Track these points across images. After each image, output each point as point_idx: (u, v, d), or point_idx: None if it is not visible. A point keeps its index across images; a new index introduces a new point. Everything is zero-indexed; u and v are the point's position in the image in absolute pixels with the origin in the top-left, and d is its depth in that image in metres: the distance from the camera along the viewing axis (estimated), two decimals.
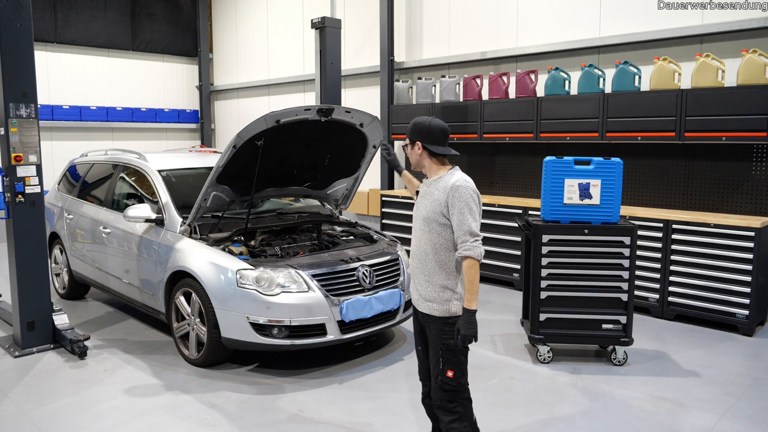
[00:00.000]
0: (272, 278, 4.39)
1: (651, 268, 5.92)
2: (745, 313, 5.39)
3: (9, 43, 4.65)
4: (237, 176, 4.87)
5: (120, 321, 5.88)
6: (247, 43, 12.48)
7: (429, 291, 2.89)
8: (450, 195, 2.80)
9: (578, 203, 4.61)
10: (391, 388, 4.32)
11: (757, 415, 3.93)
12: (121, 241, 5.47)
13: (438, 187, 2.88)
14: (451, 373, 2.83)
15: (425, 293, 2.91)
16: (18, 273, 4.90)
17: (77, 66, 11.64)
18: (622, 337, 4.67)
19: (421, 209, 2.92)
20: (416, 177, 3.44)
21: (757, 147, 5.85)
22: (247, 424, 3.77)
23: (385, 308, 4.70)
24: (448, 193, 2.81)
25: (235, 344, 4.47)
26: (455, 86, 7.93)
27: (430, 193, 2.90)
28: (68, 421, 3.82)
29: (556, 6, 7.40)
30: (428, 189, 2.94)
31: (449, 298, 2.86)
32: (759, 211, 5.87)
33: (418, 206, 2.97)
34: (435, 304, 2.87)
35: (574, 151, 6.84)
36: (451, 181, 2.84)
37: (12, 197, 4.79)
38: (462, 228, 2.77)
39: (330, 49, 7.41)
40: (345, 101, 9.58)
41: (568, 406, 4.04)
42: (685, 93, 5.82)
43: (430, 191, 2.92)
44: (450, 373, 2.83)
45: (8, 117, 4.70)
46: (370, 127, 5.10)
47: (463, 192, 2.80)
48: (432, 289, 2.88)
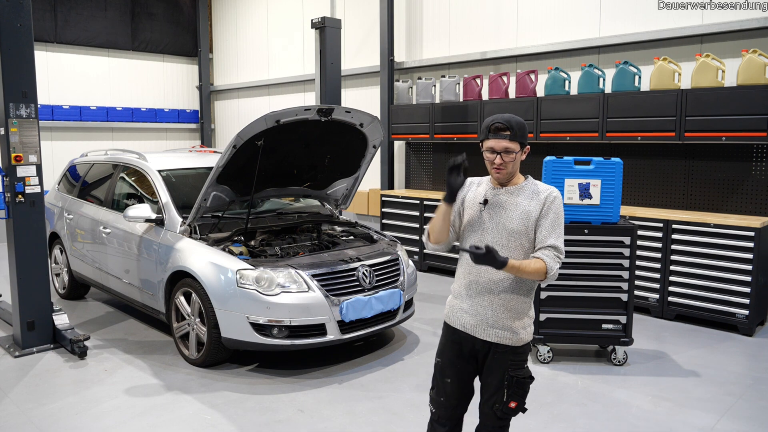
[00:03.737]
0: (272, 278, 4.39)
1: (651, 268, 5.92)
2: (745, 313, 5.39)
3: (9, 43, 4.65)
4: (237, 176, 4.87)
5: (120, 321, 5.88)
6: (247, 43, 12.48)
7: (502, 317, 2.53)
8: (546, 204, 2.50)
9: (578, 203, 4.61)
10: (391, 388, 4.32)
11: (757, 415, 3.93)
12: (121, 241, 5.47)
13: (526, 196, 2.54)
14: (515, 404, 2.56)
15: (495, 319, 2.54)
16: (18, 273, 4.90)
17: (77, 66, 11.64)
18: (622, 337, 4.67)
19: (505, 221, 2.52)
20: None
21: (757, 147, 5.85)
22: (247, 424, 3.77)
23: (385, 308, 4.70)
24: (544, 203, 2.51)
25: (235, 344, 4.47)
26: (455, 86, 7.93)
27: (516, 204, 2.53)
28: (68, 421, 3.82)
29: (556, 6, 7.40)
30: (509, 198, 2.56)
31: (525, 326, 2.58)
32: (759, 211, 5.87)
33: (495, 217, 2.55)
34: (507, 333, 2.54)
35: (574, 151, 6.84)
36: (544, 189, 2.56)
37: (12, 197, 4.79)
38: (550, 239, 2.48)
39: (330, 49, 7.41)
40: (345, 101, 9.57)
41: (568, 406, 4.04)
42: (685, 93, 5.82)
43: (513, 201, 2.54)
44: (513, 404, 2.56)
45: (8, 117, 4.70)
46: (370, 127, 5.11)
47: (560, 204, 2.54)
48: (507, 316, 2.53)
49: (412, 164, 9.08)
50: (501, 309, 2.53)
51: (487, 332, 2.55)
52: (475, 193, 2.67)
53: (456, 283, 2.71)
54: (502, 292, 2.53)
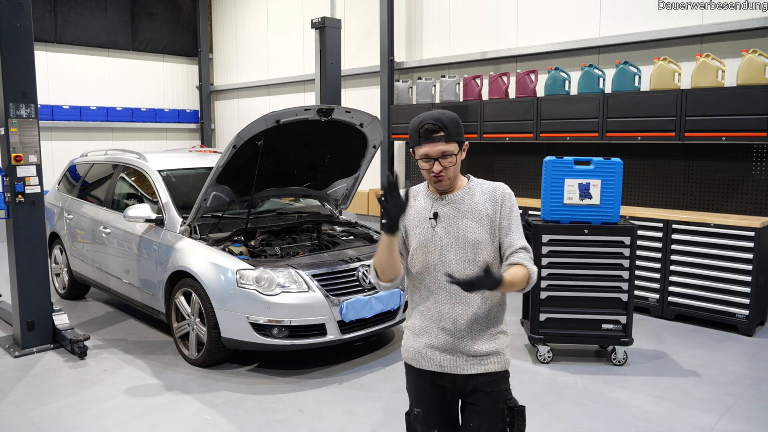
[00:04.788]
0: (272, 278, 4.39)
1: (651, 268, 5.92)
2: (745, 313, 5.39)
3: (9, 43, 4.65)
4: (237, 176, 4.87)
5: (120, 321, 5.88)
6: (247, 43, 12.48)
7: (486, 342, 2.20)
8: (503, 203, 2.20)
9: (578, 203, 4.61)
10: (391, 388, 4.32)
11: (757, 415, 3.93)
12: (121, 241, 5.47)
13: (478, 199, 2.21)
14: None
15: (480, 347, 2.19)
16: (18, 273, 4.90)
17: (77, 66, 11.63)
18: (622, 337, 4.67)
19: (466, 232, 2.17)
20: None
21: (757, 147, 5.85)
22: (247, 424, 3.77)
23: (385, 308, 4.70)
24: (500, 202, 2.20)
25: (235, 344, 4.47)
26: (455, 86, 7.92)
27: (471, 209, 2.20)
28: (68, 421, 3.82)
29: (556, 6, 7.40)
30: (461, 205, 2.21)
31: (507, 343, 2.28)
32: (759, 211, 5.87)
33: (452, 230, 2.19)
34: (494, 357, 2.21)
35: (574, 151, 6.84)
36: (493, 186, 2.25)
37: (12, 197, 4.79)
38: (518, 241, 2.19)
39: (330, 49, 7.41)
40: (345, 101, 9.57)
41: (568, 406, 4.04)
42: (685, 93, 5.81)
43: (467, 207, 2.20)
44: None
45: (8, 117, 4.70)
46: (370, 127, 5.11)
47: (514, 199, 2.25)
48: (489, 339, 2.21)
49: (412, 164, 9.08)
50: (481, 333, 2.20)
51: (471, 364, 2.19)
52: (416, 208, 2.26)
53: (415, 319, 2.29)
54: (478, 315, 2.19)
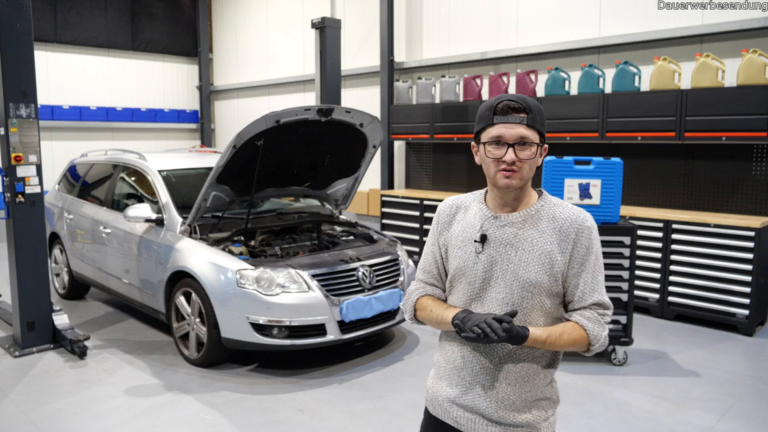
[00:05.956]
0: (272, 278, 4.39)
1: (651, 268, 5.92)
2: (745, 313, 5.39)
3: (9, 43, 4.65)
4: (237, 176, 4.87)
5: (120, 321, 5.88)
6: (247, 43, 12.48)
7: (518, 410, 1.76)
8: (579, 242, 1.71)
9: (578, 203, 4.61)
10: (391, 388, 4.32)
11: (757, 415, 3.93)
12: (121, 241, 5.47)
13: (540, 226, 1.72)
14: None
15: (506, 415, 1.76)
16: (18, 273, 4.90)
17: (77, 66, 11.64)
18: (622, 337, 4.67)
19: (517, 267, 1.70)
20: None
21: (757, 147, 5.85)
22: (247, 424, 3.77)
23: (385, 308, 4.70)
24: (574, 239, 1.70)
25: (235, 344, 4.47)
26: (455, 86, 7.92)
27: (525, 239, 1.71)
28: (68, 421, 3.82)
29: (556, 6, 7.39)
30: (517, 232, 1.72)
31: (548, 416, 1.82)
32: (759, 211, 5.87)
33: (501, 261, 1.72)
34: (530, 416, 1.77)
35: (574, 151, 6.84)
36: (570, 214, 1.73)
37: (12, 197, 4.79)
38: (591, 294, 1.72)
39: (330, 49, 7.41)
40: (345, 101, 9.57)
41: (568, 406, 4.04)
42: (685, 93, 5.81)
43: (522, 236, 1.72)
44: None
45: (8, 117, 4.70)
46: (370, 127, 5.11)
47: (597, 237, 1.74)
48: (523, 406, 1.76)
49: (412, 164, 9.08)
50: (511, 395, 1.76)
51: (504, 417, 1.76)
52: (464, 224, 1.81)
53: (440, 355, 1.91)
54: (511, 370, 1.74)
